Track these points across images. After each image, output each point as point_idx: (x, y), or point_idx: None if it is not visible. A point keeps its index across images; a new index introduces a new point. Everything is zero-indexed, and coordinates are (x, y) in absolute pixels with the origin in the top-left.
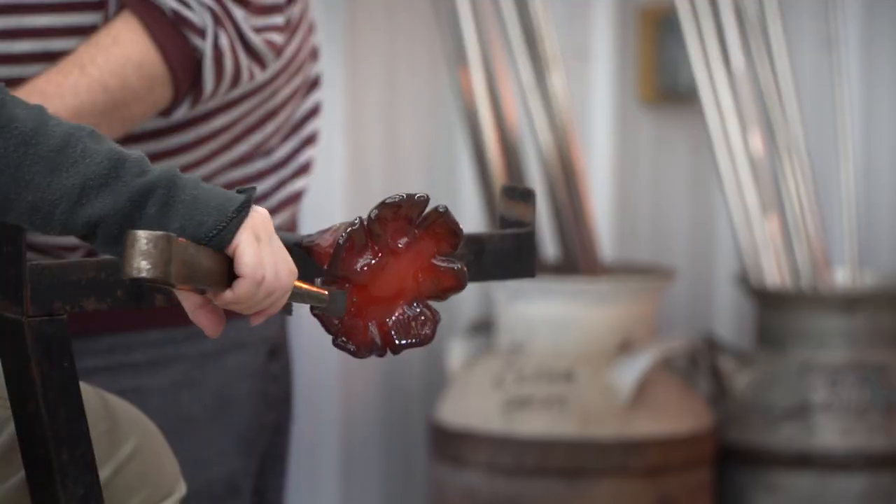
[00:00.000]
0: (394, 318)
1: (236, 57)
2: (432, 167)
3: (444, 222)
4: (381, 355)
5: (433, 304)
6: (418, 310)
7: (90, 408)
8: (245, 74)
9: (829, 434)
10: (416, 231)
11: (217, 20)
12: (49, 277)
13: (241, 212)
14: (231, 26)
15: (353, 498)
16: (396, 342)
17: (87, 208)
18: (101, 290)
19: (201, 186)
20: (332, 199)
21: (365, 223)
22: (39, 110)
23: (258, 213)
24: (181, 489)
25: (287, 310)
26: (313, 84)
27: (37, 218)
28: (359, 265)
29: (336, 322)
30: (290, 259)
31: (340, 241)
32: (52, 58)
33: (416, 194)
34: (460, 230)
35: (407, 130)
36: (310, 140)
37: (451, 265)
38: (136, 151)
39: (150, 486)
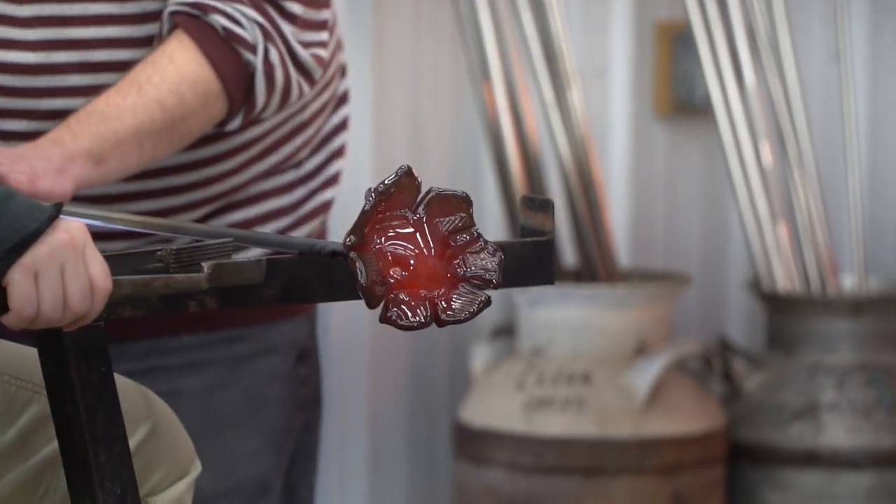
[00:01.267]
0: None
1: (286, 71)
2: (456, 178)
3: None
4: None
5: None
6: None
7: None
8: (295, 88)
9: (837, 433)
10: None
11: (267, 35)
12: None
13: (15, 251)
14: (280, 41)
15: (380, 495)
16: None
17: None
18: (137, 297)
19: (1, 211)
20: (360, 209)
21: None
22: None
23: (53, 240)
24: (196, 467)
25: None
26: (341, 99)
27: None
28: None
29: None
30: (99, 279)
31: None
32: (91, 68)
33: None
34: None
35: (432, 143)
36: (338, 153)
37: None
38: None
39: (168, 465)
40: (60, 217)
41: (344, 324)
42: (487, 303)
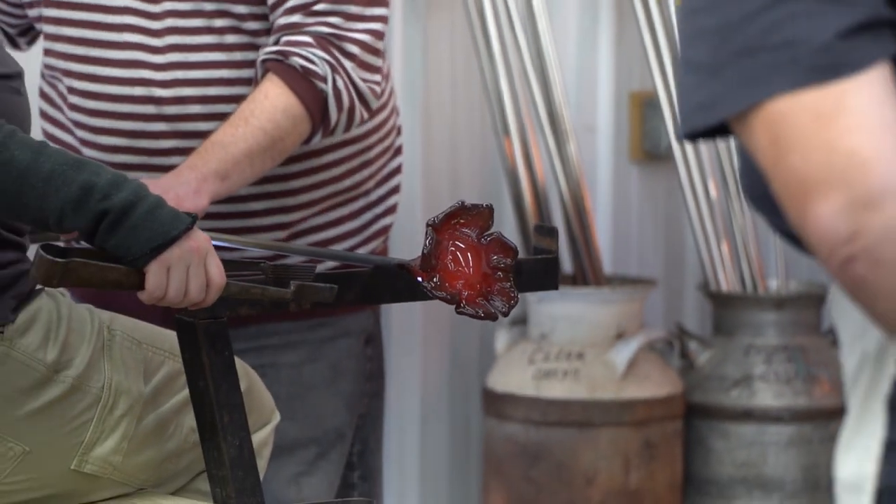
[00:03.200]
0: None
1: (350, 95)
2: None
3: (501, 244)
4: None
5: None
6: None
7: None
8: (357, 111)
9: (766, 396)
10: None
11: (334, 69)
12: None
13: (156, 250)
14: (344, 73)
15: (429, 444)
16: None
17: (68, 222)
18: (251, 301)
19: (152, 216)
20: (413, 233)
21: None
22: (36, 149)
23: (185, 245)
24: (276, 418)
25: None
26: (397, 151)
27: (39, 226)
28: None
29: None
30: (215, 278)
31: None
32: (208, 100)
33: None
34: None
35: (466, 183)
36: (395, 189)
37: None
38: (115, 176)
39: (256, 413)
40: (194, 228)
41: (401, 317)
42: (494, 318)
